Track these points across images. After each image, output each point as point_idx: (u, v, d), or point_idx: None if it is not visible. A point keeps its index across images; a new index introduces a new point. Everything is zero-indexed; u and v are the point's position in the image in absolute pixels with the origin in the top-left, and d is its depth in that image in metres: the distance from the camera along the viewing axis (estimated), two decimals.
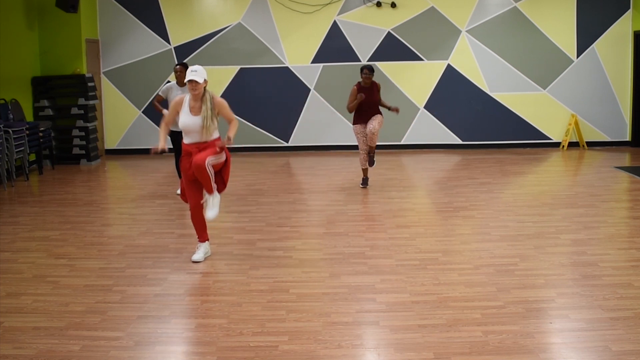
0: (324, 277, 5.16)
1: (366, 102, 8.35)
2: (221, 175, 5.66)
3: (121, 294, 4.81)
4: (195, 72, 5.38)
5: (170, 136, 8.07)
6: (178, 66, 8.09)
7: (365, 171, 8.71)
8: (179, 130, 7.95)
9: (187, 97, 5.55)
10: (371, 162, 8.69)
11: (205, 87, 5.47)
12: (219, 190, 5.65)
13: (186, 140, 5.57)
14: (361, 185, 8.72)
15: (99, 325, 4.23)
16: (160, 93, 8.18)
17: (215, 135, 5.51)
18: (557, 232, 6.36)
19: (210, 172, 5.41)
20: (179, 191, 8.38)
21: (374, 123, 8.40)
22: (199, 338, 4.06)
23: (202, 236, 5.69)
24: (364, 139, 8.49)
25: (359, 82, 8.47)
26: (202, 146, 5.48)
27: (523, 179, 9.53)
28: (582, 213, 7.13)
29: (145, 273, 5.30)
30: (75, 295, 4.77)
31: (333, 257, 5.63)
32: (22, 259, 5.72)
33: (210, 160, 5.38)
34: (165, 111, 8.10)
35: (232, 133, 5.49)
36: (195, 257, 5.60)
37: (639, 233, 6.34)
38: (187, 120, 5.48)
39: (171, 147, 8.13)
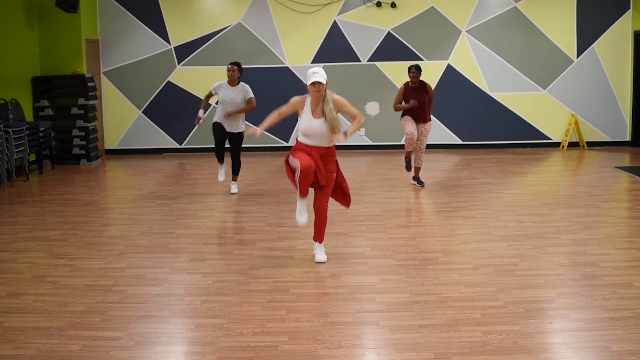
0: (324, 277, 5.16)
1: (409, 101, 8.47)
2: (342, 188, 5.66)
3: (121, 294, 4.81)
4: (318, 74, 5.31)
5: (213, 127, 8.16)
6: (230, 65, 8.16)
7: (409, 154, 8.72)
8: (224, 125, 8.06)
9: (308, 99, 5.46)
10: (420, 182, 8.72)
11: (326, 89, 5.38)
12: (347, 205, 5.73)
13: (306, 141, 5.43)
14: (407, 170, 8.87)
15: (99, 325, 4.23)
16: (211, 90, 8.32)
17: (336, 141, 5.40)
18: (557, 232, 6.36)
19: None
20: (220, 177, 8.35)
21: (424, 139, 8.59)
22: (199, 338, 4.06)
23: (305, 191, 5.49)
24: (412, 124, 8.46)
25: (407, 82, 8.54)
26: (322, 151, 5.38)
27: (523, 179, 9.53)
28: (582, 213, 7.13)
29: (145, 273, 5.30)
30: (75, 295, 4.77)
31: (333, 257, 5.63)
32: (22, 259, 5.72)
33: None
34: (201, 112, 8.40)
35: (351, 129, 5.36)
36: (301, 220, 5.52)
37: (639, 233, 6.34)
38: (308, 123, 5.38)
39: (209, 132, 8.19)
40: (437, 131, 12.20)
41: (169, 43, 12.06)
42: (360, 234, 6.44)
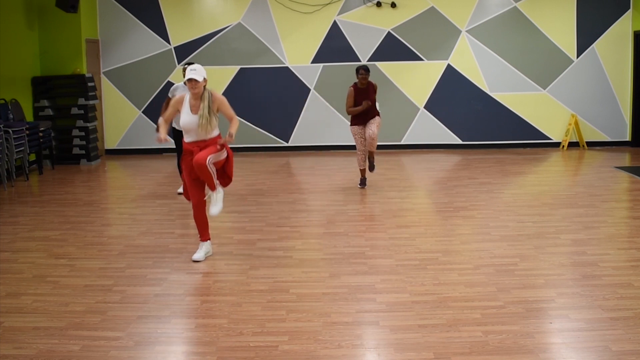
0: (324, 277, 5.16)
1: (362, 103, 8.33)
2: (224, 170, 5.69)
3: (121, 294, 4.81)
4: (195, 71, 5.41)
5: (172, 135, 8.14)
6: (186, 65, 8.15)
7: (363, 172, 8.70)
8: (181, 129, 8.05)
9: (187, 96, 5.57)
10: (371, 167, 8.67)
11: (204, 86, 5.48)
12: (225, 184, 5.70)
13: (187, 139, 5.57)
14: (359, 186, 8.71)
15: (99, 325, 4.23)
16: (169, 94, 8.29)
17: (215, 133, 5.53)
18: (557, 232, 6.36)
19: (212, 169, 5.43)
20: (180, 190, 8.42)
21: (373, 127, 8.36)
22: (199, 338, 4.06)
23: (204, 235, 5.70)
24: (362, 140, 8.47)
25: (355, 83, 8.45)
26: (202, 144, 5.49)
27: (523, 179, 9.53)
28: (582, 213, 7.13)
29: (145, 273, 5.30)
30: (75, 295, 4.76)
31: (333, 257, 5.63)
32: (22, 259, 5.72)
33: (211, 159, 5.40)
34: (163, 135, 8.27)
35: (233, 129, 5.49)
36: (196, 256, 5.60)
37: (639, 233, 6.34)
38: (187, 118, 5.49)
39: (172, 144, 8.19)
40: (437, 131, 12.22)
41: (169, 43, 12.06)
42: (360, 234, 6.44)
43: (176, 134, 8.13)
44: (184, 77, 8.09)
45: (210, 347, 3.90)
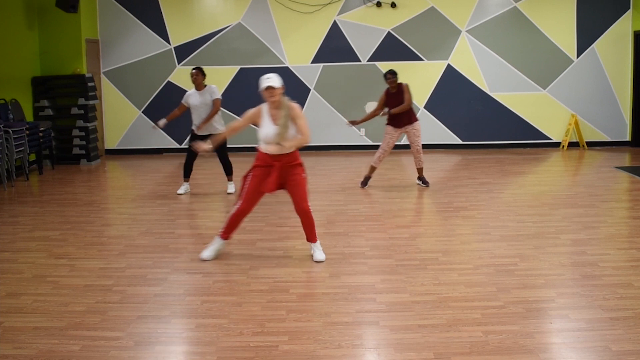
0: (324, 277, 5.16)
1: (395, 106, 8.38)
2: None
3: (121, 294, 4.81)
4: (270, 79, 5.27)
5: (191, 138, 8.22)
6: (193, 71, 8.16)
7: (372, 169, 8.71)
8: (199, 134, 8.12)
9: (264, 107, 5.43)
10: (425, 182, 8.71)
11: (282, 94, 5.32)
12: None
13: (268, 150, 5.37)
14: (361, 185, 8.71)
15: (99, 325, 4.23)
16: (182, 102, 8.34)
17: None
18: (557, 232, 6.36)
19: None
20: (179, 191, 8.43)
21: (417, 139, 8.51)
22: (199, 338, 4.06)
23: (227, 234, 5.64)
24: (390, 141, 8.52)
25: (387, 89, 8.51)
26: (283, 159, 5.38)
27: (523, 179, 9.53)
28: (582, 213, 7.13)
29: (145, 273, 5.30)
30: (75, 295, 4.76)
31: (333, 257, 5.63)
32: (22, 259, 5.72)
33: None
34: (162, 120, 8.39)
35: (293, 142, 5.34)
36: (205, 254, 5.57)
37: (639, 233, 6.34)
38: (269, 131, 5.33)
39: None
40: (437, 131, 12.22)
41: (169, 43, 12.07)
42: (360, 234, 6.44)
43: (194, 138, 8.20)
44: (193, 81, 8.16)
45: (210, 347, 3.90)
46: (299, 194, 5.48)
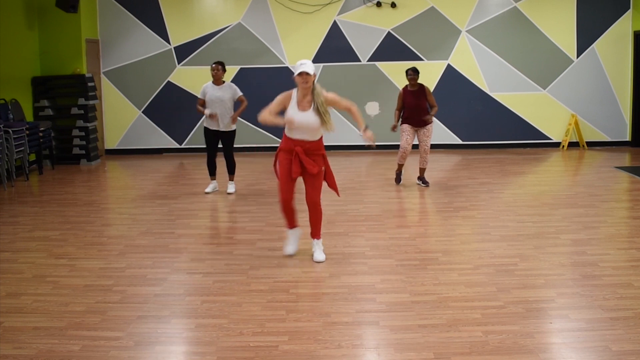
0: (324, 277, 5.16)
1: (414, 107, 8.41)
2: (329, 184, 5.64)
3: (121, 294, 4.81)
4: (305, 65, 5.24)
5: (205, 135, 8.22)
6: (214, 64, 8.18)
7: (400, 167, 8.82)
8: (212, 128, 8.12)
9: (294, 92, 5.40)
10: (425, 182, 8.75)
11: (314, 81, 5.32)
12: (337, 192, 5.69)
13: (292, 135, 5.38)
14: (396, 182, 8.90)
15: (99, 325, 4.23)
16: (199, 96, 8.34)
17: (320, 134, 5.40)
18: (557, 232, 6.36)
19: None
20: (207, 189, 8.44)
21: (427, 139, 8.58)
22: (199, 338, 4.06)
23: (292, 223, 5.66)
24: (408, 137, 8.57)
25: (406, 86, 8.53)
26: (307, 145, 5.36)
27: (523, 179, 9.53)
28: (582, 213, 7.13)
29: (145, 273, 5.30)
30: (75, 295, 4.77)
31: (333, 257, 5.63)
32: (22, 259, 5.72)
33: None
34: (207, 111, 8.21)
35: (360, 122, 5.37)
36: (289, 249, 5.65)
37: (639, 233, 6.34)
38: (295, 115, 5.30)
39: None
40: (437, 131, 12.18)
41: (169, 43, 12.07)
42: (360, 234, 6.44)
43: (207, 133, 8.23)
44: (213, 75, 8.14)
45: (210, 347, 3.90)
46: (313, 184, 5.47)
